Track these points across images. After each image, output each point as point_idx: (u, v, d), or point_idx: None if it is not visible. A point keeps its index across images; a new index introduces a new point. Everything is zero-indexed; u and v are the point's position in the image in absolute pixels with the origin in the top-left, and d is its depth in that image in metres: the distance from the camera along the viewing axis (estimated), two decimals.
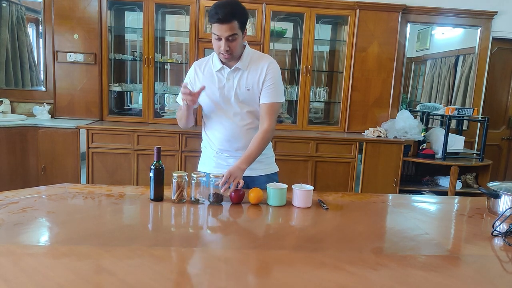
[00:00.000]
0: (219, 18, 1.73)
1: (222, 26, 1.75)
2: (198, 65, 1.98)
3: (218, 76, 1.92)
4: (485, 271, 1.22)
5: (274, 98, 1.91)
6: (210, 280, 1.08)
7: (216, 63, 1.92)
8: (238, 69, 1.90)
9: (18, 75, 4.18)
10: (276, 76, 1.91)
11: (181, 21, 4.28)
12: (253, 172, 1.97)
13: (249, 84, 1.90)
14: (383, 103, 4.14)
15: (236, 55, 1.86)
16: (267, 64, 1.91)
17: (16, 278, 1.02)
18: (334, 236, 1.46)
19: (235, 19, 1.75)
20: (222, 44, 1.78)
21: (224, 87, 1.92)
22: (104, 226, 1.42)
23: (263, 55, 1.98)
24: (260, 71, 1.91)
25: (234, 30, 1.76)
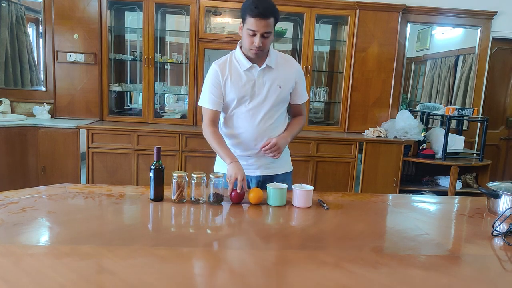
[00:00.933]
0: (260, 13, 1.73)
1: (260, 21, 1.75)
2: (222, 65, 1.93)
3: (247, 75, 1.90)
4: (485, 270, 1.22)
5: (306, 97, 2.07)
6: (211, 280, 1.08)
7: (244, 62, 1.89)
8: (269, 67, 1.90)
9: (18, 75, 4.18)
10: (304, 77, 2.05)
11: (181, 21, 4.28)
12: (275, 171, 2.01)
13: (281, 82, 1.92)
14: (383, 103, 4.14)
15: (266, 52, 1.89)
16: (296, 66, 2.00)
17: (16, 278, 1.02)
18: (335, 235, 1.46)
19: (272, 15, 1.78)
20: (257, 40, 1.78)
21: (255, 86, 1.90)
22: (104, 226, 1.42)
23: (287, 56, 2.04)
24: (292, 71, 1.96)
25: (270, 27, 1.78)
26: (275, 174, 2.00)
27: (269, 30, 1.78)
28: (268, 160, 1.97)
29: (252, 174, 2.00)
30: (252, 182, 2.02)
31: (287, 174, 2.06)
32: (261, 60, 1.90)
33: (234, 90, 1.90)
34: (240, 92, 1.90)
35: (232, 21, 4.31)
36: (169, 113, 4.38)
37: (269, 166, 1.99)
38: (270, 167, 2.00)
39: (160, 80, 4.27)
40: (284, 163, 2.05)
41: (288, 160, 2.10)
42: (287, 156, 2.10)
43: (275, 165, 2.00)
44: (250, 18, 1.76)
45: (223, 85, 1.91)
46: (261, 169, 2.00)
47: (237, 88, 1.90)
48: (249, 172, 1.99)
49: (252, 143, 1.96)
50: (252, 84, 1.90)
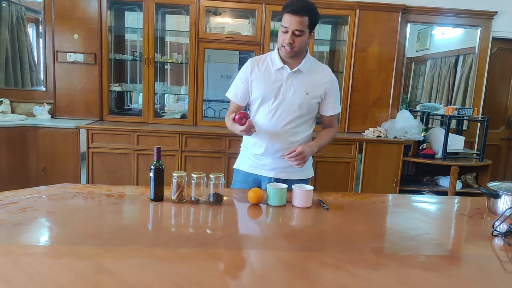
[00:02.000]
0: (293, 9, 1.76)
1: (293, 18, 1.77)
2: (256, 62, 1.96)
3: (276, 75, 1.91)
4: (485, 271, 1.22)
5: (337, 109, 2.05)
6: (210, 280, 1.08)
7: (277, 62, 1.91)
8: (300, 71, 1.91)
9: (18, 75, 4.18)
10: (337, 89, 2.04)
11: (181, 21, 4.28)
12: (289, 176, 1.99)
13: (309, 88, 1.91)
14: (383, 103, 4.14)
15: (298, 53, 1.87)
16: (330, 76, 1.98)
17: (16, 278, 1.02)
18: (334, 236, 1.46)
19: (307, 14, 1.78)
20: (287, 37, 1.80)
21: (281, 87, 1.91)
22: (104, 226, 1.42)
23: (324, 65, 2.04)
24: (323, 79, 1.95)
25: (303, 25, 1.78)
26: (289, 179, 1.98)
27: (301, 28, 1.79)
28: (284, 164, 1.96)
29: (265, 174, 2.00)
30: (264, 183, 2.01)
31: (303, 181, 2.00)
32: (295, 64, 1.90)
33: (261, 87, 1.92)
34: (265, 90, 1.92)
35: (232, 21, 4.31)
36: (169, 113, 4.38)
37: (284, 170, 1.98)
38: (285, 171, 1.99)
39: (160, 80, 4.27)
40: (300, 170, 2.00)
41: (306, 166, 2.03)
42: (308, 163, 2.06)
43: (291, 170, 1.98)
44: (284, 15, 1.80)
45: (251, 81, 1.94)
46: (275, 171, 1.99)
47: (263, 85, 1.92)
48: (262, 172, 2.00)
49: (270, 144, 1.96)
50: (279, 84, 1.91)
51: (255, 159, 2.01)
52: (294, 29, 1.79)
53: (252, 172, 2.02)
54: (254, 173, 2.02)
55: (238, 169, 2.08)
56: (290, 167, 1.97)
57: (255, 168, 2.02)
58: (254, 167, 2.02)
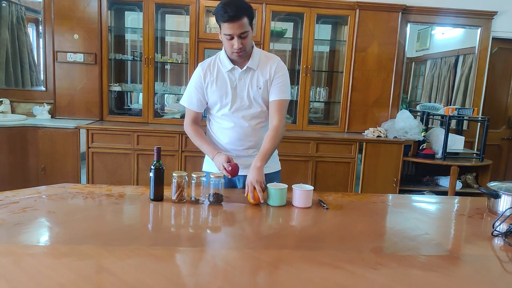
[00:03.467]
0: (230, 16, 1.72)
1: (233, 24, 1.74)
2: (206, 67, 1.94)
3: (229, 77, 1.91)
4: (485, 271, 1.22)
5: (282, 95, 1.92)
6: (210, 280, 1.08)
7: (226, 64, 1.90)
8: (250, 68, 1.90)
9: (18, 75, 4.18)
10: (285, 74, 1.94)
11: (181, 21, 4.28)
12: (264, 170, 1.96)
13: (260, 83, 1.91)
14: (383, 103, 4.14)
15: (248, 52, 1.87)
16: (276, 63, 1.93)
17: (16, 278, 1.02)
18: (334, 235, 1.46)
19: (244, 15, 1.74)
20: (235, 43, 1.78)
21: (236, 87, 1.91)
22: (104, 226, 1.42)
23: (271, 55, 1.99)
24: (269, 69, 1.92)
25: (244, 26, 1.76)
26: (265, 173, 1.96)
27: (244, 30, 1.76)
28: None
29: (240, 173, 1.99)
30: (239, 182, 2.01)
31: (275, 174, 2.04)
32: (243, 62, 1.90)
33: (216, 92, 1.91)
34: (222, 94, 1.92)
35: None
36: (169, 113, 4.38)
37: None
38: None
39: (160, 80, 4.27)
40: (271, 163, 2.00)
41: (275, 159, 2.07)
42: (274, 155, 2.05)
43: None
44: (223, 24, 1.76)
45: (205, 87, 1.93)
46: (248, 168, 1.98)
47: (219, 89, 1.91)
48: None
49: (238, 144, 1.97)
50: (234, 85, 1.91)
51: None
52: (238, 34, 1.76)
53: None
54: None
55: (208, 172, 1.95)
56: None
57: None
58: None
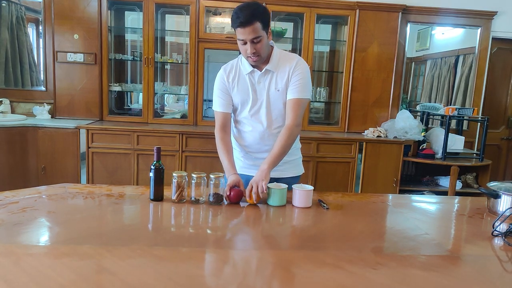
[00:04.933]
0: (241, 22, 1.73)
1: (245, 30, 1.74)
2: (229, 70, 1.95)
3: (250, 79, 1.92)
4: (485, 271, 1.22)
5: (300, 94, 1.87)
6: (210, 280, 1.08)
7: (246, 66, 1.91)
8: (269, 71, 1.90)
9: (18, 75, 4.18)
10: (303, 72, 1.88)
11: (181, 21, 4.28)
12: (281, 174, 1.98)
13: (278, 85, 1.90)
14: (383, 103, 4.14)
15: (264, 57, 1.86)
16: (295, 62, 1.89)
17: (16, 278, 1.02)
18: (334, 235, 1.46)
19: (257, 20, 1.74)
20: (248, 48, 1.78)
21: (256, 90, 1.92)
22: (104, 226, 1.42)
23: (291, 54, 1.96)
24: (288, 70, 1.89)
25: (257, 32, 1.75)
26: (281, 177, 1.98)
27: (257, 35, 1.75)
28: None
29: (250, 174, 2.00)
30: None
31: (295, 178, 2.02)
32: (262, 65, 1.90)
33: (238, 94, 1.93)
34: (242, 96, 1.93)
35: None
36: (169, 113, 4.38)
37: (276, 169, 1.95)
38: (276, 170, 1.95)
39: (160, 80, 4.26)
40: (291, 167, 2.02)
41: (296, 164, 2.06)
42: (296, 159, 2.06)
43: (282, 167, 1.97)
44: (236, 29, 1.77)
45: (230, 88, 1.94)
46: None
47: (240, 92, 1.93)
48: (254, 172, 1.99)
49: (257, 146, 1.97)
50: (253, 88, 1.92)
51: (246, 159, 2.01)
52: (251, 39, 1.76)
53: (243, 173, 2.00)
54: (246, 174, 2.00)
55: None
56: (281, 165, 1.94)
57: (246, 169, 2.01)
58: (245, 168, 2.02)
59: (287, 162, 1.99)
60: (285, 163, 1.98)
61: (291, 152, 2.00)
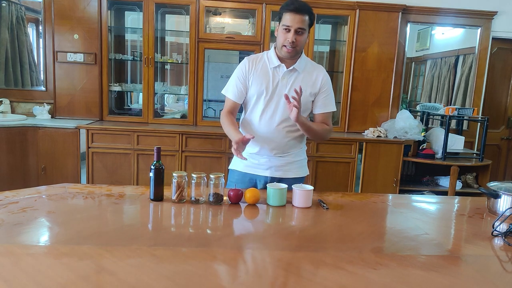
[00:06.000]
0: (295, 7, 1.80)
1: (295, 16, 1.80)
2: (253, 60, 1.98)
3: (273, 73, 1.93)
4: (485, 271, 1.22)
5: (328, 107, 2.00)
6: (210, 280, 1.08)
7: (273, 60, 1.93)
8: (295, 70, 1.92)
9: (18, 75, 4.18)
10: (330, 87, 2.01)
11: (181, 21, 4.28)
12: (285, 174, 1.99)
13: (303, 86, 1.90)
14: (383, 103, 4.14)
15: (298, 52, 1.90)
16: (322, 74, 1.98)
17: (16, 278, 1.02)
18: (334, 236, 1.46)
19: (307, 13, 1.83)
20: (290, 35, 1.82)
21: (278, 85, 1.93)
22: (104, 226, 1.42)
23: (317, 64, 2.05)
24: (315, 78, 1.96)
25: (304, 23, 1.83)
26: (285, 177, 1.98)
27: (303, 26, 1.82)
28: (280, 163, 1.97)
29: (261, 174, 2.00)
30: (260, 183, 2.02)
31: (298, 179, 2.02)
32: (291, 63, 1.92)
33: (257, 85, 1.93)
34: (261, 88, 1.93)
35: (232, 21, 4.31)
36: (169, 113, 4.38)
37: (280, 169, 1.98)
38: (280, 170, 1.99)
39: (160, 80, 4.26)
40: (296, 167, 2.02)
41: (300, 165, 2.06)
42: (300, 160, 2.06)
43: (287, 168, 1.99)
44: (285, 14, 1.83)
45: (248, 79, 1.95)
46: (271, 170, 1.99)
47: (260, 83, 1.93)
48: (258, 171, 2.01)
49: (265, 143, 1.97)
50: (276, 83, 1.93)
51: (251, 158, 2.01)
52: (296, 27, 1.82)
53: (247, 172, 2.02)
54: (250, 172, 2.02)
55: (233, 170, 2.08)
56: (285, 165, 1.98)
57: (251, 167, 2.02)
58: (249, 167, 2.02)
59: (291, 163, 2.00)
60: (290, 164, 1.99)
61: (297, 153, 2.02)
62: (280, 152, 1.97)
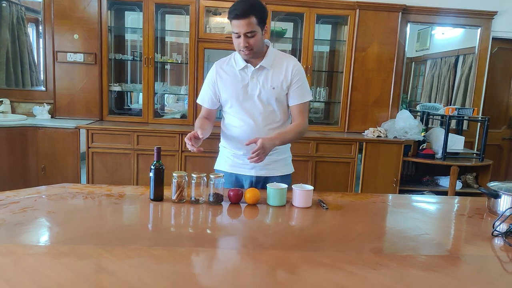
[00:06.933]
0: (236, 14, 1.75)
1: (239, 22, 1.76)
2: (220, 65, 1.97)
3: (241, 75, 1.91)
4: (485, 271, 1.22)
5: (303, 97, 1.95)
6: (210, 280, 1.08)
7: (239, 62, 1.91)
8: (263, 67, 1.90)
9: (18, 75, 4.18)
10: (302, 76, 1.94)
11: (181, 21, 4.28)
12: (270, 173, 1.98)
13: (274, 82, 1.90)
14: (383, 103, 4.14)
15: (258, 52, 1.86)
16: (292, 64, 1.92)
17: (16, 278, 1.02)
18: (334, 236, 1.46)
19: (252, 14, 1.76)
20: (241, 41, 1.79)
21: (248, 86, 1.91)
22: (104, 226, 1.42)
23: (287, 55, 1.99)
24: (285, 71, 1.91)
25: (252, 26, 1.77)
26: (270, 175, 1.98)
27: (251, 29, 1.77)
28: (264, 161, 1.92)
29: (246, 173, 2.00)
30: (245, 182, 2.02)
31: (284, 177, 2.02)
32: (257, 61, 1.90)
33: (228, 89, 1.92)
34: (232, 91, 1.92)
35: None
36: (169, 113, 4.38)
37: (265, 167, 1.97)
38: (265, 168, 1.97)
39: (160, 80, 4.27)
40: (281, 165, 2.01)
41: (285, 163, 2.05)
42: (285, 158, 2.05)
43: (271, 166, 1.98)
44: (231, 21, 1.79)
45: (218, 85, 1.94)
46: (256, 169, 1.98)
47: (230, 87, 1.92)
48: (243, 171, 2.01)
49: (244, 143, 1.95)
50: (246, 84, 1.91)
51: (235, 158, 2.01)
52: (244, 32, 1.78)
53: (233, 172, 2.02)
54: (235, 172, 2.01)
55: (218, 170, 2.06)
56: (270, 164, 1.96)
57: (236, 167, 2.01)
58: (234, 167, 2.01)
59: (276, 161, 1.99)
60: (275, 162, 1.98)
61: (281, 150, 2.00)
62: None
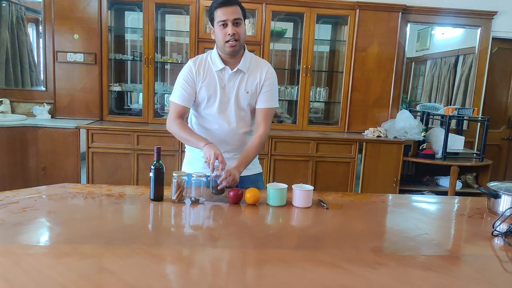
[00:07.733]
0: (223, 1, 1.75)
1: (227, 9, 1.76)
2: (198, 63, 1.91)
3: (219, 76, 1.90)
4: (485, 271, 1.22)
5: (271, 103, 1.94)
6: (210, 280, 1.08)
7: (217, 63, 1.88)
8: (240, 71, 1.89)
9: (18, 75, 4.18)
10: (274, 81, 1.94)
11: (181, 21, 4.28)
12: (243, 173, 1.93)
13: (248, 87, 1.90)
14: (383, 103, 4.14)
15: (241, 47, 1.85)
16: (266, 69, 1.93)
17: (16, 278, 1.02)
18: (334, 235, 1.46)
19: (237, 4, 1.79)
20: (229, 29, 1.77)
21: (225, 88, 1.90)
22: (104, 226, 1.42)
23: (261, 60, 2.00)
24: (260, 75, 1.91)
25: (238, 13, 1.78)
26: (244, 175, 1.94)
27: (238, 16, 1.78)
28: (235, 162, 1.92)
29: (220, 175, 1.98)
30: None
31: (257, 176, 2.05)
32: (234, 63, 1.88)
33: (206, 89, 1.90)
34: (210, 93, 1.90)
35: None
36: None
37: None
38: None
39: (160, 80, 4.27)
40: (251, 166, 2.00)
41: (255, 162, 2.06)
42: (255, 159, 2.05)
43: None
44: (217, 11, 1.78)
45: (197, 82, 1.90)
46: None
47: (208, 87, 1.89)
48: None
49: (221, 145, 1.92)
50: (222, 86, 1.90)
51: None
52: (232, 19, 1.76)
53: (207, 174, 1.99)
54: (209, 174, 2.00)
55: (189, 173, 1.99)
56: None
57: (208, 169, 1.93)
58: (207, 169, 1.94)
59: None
60: None
61: None
62: (238, 152, 1.95)
